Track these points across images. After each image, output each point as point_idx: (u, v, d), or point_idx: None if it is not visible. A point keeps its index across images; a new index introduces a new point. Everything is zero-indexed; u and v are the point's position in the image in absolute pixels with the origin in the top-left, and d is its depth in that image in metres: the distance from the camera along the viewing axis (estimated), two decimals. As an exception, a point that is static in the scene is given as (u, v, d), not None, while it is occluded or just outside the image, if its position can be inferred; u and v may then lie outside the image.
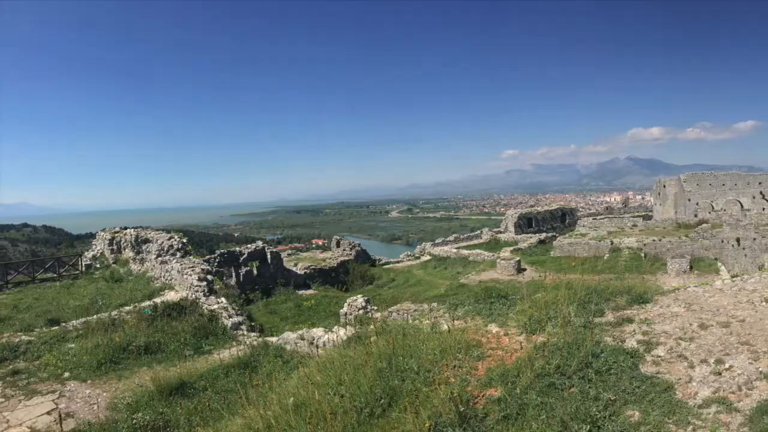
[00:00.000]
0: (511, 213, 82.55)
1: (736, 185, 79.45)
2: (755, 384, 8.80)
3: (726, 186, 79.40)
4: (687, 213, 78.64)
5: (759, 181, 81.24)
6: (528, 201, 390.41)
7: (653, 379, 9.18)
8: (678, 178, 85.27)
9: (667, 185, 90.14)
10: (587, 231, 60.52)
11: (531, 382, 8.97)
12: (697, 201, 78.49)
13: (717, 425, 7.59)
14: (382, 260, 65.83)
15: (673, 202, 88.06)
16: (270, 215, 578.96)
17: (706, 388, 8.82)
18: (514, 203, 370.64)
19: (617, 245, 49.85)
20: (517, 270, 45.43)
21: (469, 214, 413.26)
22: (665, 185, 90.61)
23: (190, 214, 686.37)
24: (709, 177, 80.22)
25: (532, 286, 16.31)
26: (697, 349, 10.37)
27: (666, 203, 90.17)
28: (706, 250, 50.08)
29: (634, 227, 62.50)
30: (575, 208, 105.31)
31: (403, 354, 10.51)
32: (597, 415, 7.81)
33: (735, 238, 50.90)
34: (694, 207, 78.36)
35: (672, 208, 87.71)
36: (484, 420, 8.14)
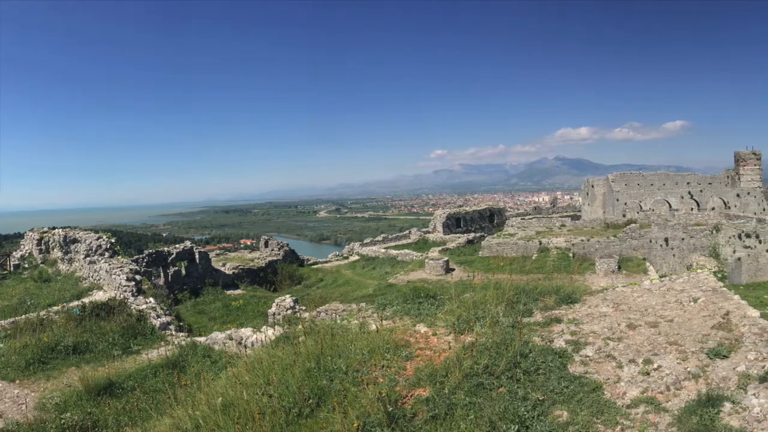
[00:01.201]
0: (439, 213, 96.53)
1: (664, 185, 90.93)
2: (683, 384, 10.70)
3: (654, 186, 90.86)
4: (615, 213, 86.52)
5: (687, 181, 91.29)
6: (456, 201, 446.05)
7: (582, 379, 10.95)
8: (606, 178, 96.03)
9: (596, 185, 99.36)
10: (516, 231, 68.96)
11: (459, 382, 10.60)
12: (626, 201, 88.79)
13: (645, 425, 9.23)
14: (311, 260, 76.80)
15: (601, 202, 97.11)
16: (198, 215, 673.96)
17: (634, 388, 10.66)
18: (443, 203, 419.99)
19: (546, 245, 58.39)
20: (446, 270, 53.82)
21: (398, 214, 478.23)
22: (593, 185, 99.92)
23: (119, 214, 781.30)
24: (638, 177, 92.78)
25: (461, 286, 18.89)
26: (626, 349, 12.44)
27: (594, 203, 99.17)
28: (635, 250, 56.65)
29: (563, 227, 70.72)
30: (504, 208, 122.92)
31: (331, 354, 12.29)
32: (525, 415, 9.34)
33: (663, 238, 57.93)
34: (622, 207, 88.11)
35: (600, 208, 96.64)
36: (412, 420, 9.66)
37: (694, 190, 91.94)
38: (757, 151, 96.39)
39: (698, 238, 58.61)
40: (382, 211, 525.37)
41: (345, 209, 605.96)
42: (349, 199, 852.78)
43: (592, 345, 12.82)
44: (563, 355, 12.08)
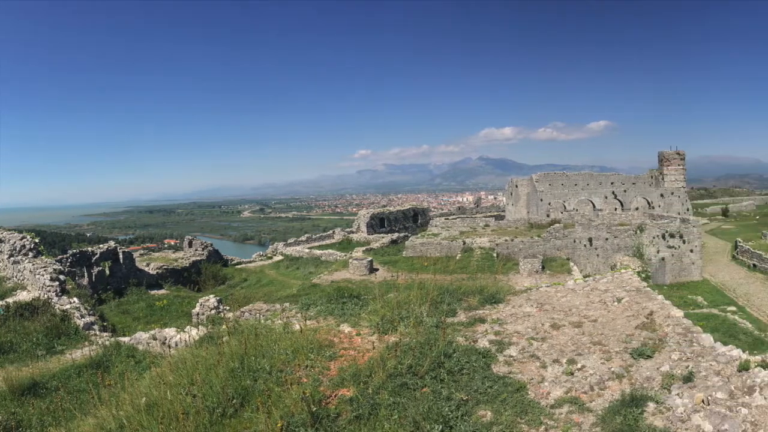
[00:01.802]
0: (363, 213, 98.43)
1: (588, 185, 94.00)
2: (607, 384, 10.97)
3: (578, 186, 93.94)
4: (539, 213, 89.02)
5: (611, 181, 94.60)
6: (380, 201, 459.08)
7: (505, 379, 11.19)
8: (530, 178, 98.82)
9: (520, 185, 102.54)
10: (440, 231, 70.55)
11: (383, 382, 10.79)
12: (550, 201, 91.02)
13: (569, 425, 9.43)
14: (235, 260, 78.81)
15: (525, 202, 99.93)
16: (122, 215, 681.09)
17: (558, 388, 10.90)
18: (367, 203, 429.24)
19: (469, 245, 59.78)
20: (370, 270, 55.24)
21: (322, 214, 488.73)
22: (517, 185, 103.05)
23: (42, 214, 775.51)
24: (562, 177, 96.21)
25: (385, 286, 19.52)
26: (550, 349, 12.75)
27: (518, 203, 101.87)
28: (559, 250, 58.40)
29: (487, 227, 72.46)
30: (427, 208, 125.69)
31: (255, 354, 12.41)
32: (449, 415, 9.50)
33: (587, 238, 59.63)
34: (546, 207, 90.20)
35: (524, 208, 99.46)
36: (336, 420, 9.78)
37: (618, 190, 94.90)
38: (681, 151, 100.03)
39: (622, 238, 60.35)
40: (306, 211, 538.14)
41: (269, 209, 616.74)
42: (273, 199, 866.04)
43: (516, 345, 13.06)
44: (487, 355, 12.35)
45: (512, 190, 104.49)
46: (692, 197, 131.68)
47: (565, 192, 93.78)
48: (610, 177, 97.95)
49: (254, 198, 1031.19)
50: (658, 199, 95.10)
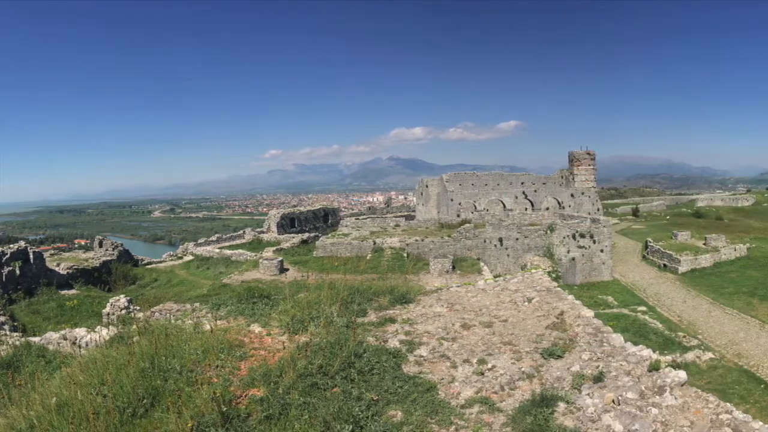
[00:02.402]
0: (273, 213, 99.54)
1: (498, 185, 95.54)
2: (518, 384, 11.21)
3: (489, 186, 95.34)
4: (450, 213, 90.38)
5: (521, 181, 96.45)
6: (291, 201, 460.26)
7: (416, 379, 11.33)
8: (441, 178, 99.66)
9: (430, 185, 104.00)
10: (350, 231, 71.09)
11: (294, 382, 10.91)
12: (460, 201, 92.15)
13: (480, 425, 9.62)
14: (145, 260, 78.94)
15: (435, 202, 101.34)
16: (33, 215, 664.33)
17: (468, 388, 11.11)
18: (277, 203, 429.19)
19: (380, 245, 60.41)
20: (280, 270, 55.70)
21: (232, 214, 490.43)
22: (428, 185, 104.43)
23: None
24: (472, 177, 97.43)
25: (295, 285, 19.96)
26: (460, 349, 12.97)
27: (429, 203, 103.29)
28: (469, 250, 59.34)
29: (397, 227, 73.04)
30: (338, 208, 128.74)
31: (166, 354, 12.40)
32: (360, 415, 9.62)
33: (498, 238, 60.67)
34: (456, 207, 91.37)
35: (435, 208, 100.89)
36: (246, 420, 9.86)
37: (529, 190, 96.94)
38: (591, 151, 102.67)
39: (533, 238, 61.61)
40: (216, 211, 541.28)
41: (179, 209, 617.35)
42: (183, 199, 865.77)
43: (426, 345, 13.24)
44: (397, 355, 12.54)
45: (422, 190, 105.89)
46: (603, 197, 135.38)
47: (476, 192, 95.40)
48: (521, 177, 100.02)
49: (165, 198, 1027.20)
50: (568, 199, 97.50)
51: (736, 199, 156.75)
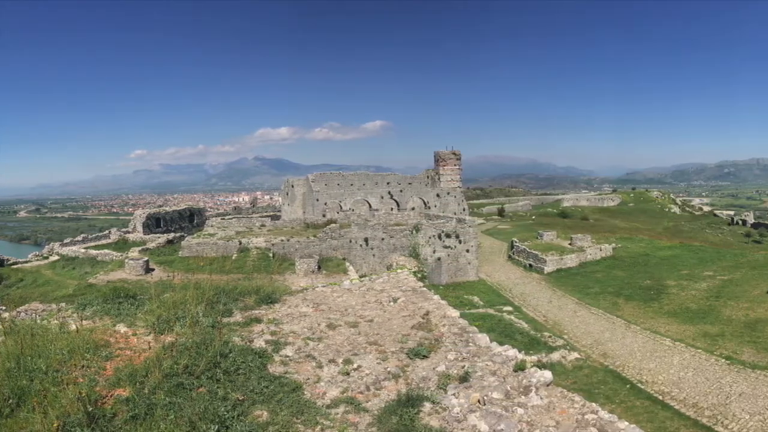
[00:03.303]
0: (139, 213, 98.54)
1: (364, 185, 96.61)
2: (383, 384, 11.49)
3: (354, 186, 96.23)
4: (315, 213, 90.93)
5: (387, 181, 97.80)
6: (156, 201, 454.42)
7: (282, 379, 11.50)
8: (306, 178, 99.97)
9: (296, 185, 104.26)
10: (216, 231, 70.47)
11: (159, 382, 10.91)
12: (326, 201, 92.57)
13: (345, 425, 9.81)
14: (11, 260, 76.53)
15: (301, 202, 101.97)
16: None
17: (334, 388, 11.30)
18: (143, 203, 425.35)
19: (246, 245, 60.18)
20: (146, 270, 55.03)
21: (98, 214, 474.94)
22: (293, 185, 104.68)
23: None
24: (338, 177, 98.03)
25: (161, 285, 19.81)
26: (326, 349, 13.21)
27: (294, 203, 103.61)
28: (335, 250, 59.91)
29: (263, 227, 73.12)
30: (204, 208, 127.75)
31: (31, 354, 12.22)
32: (225, 415, 9.73)
33: (363, 238, 61.29)
34: (322, 207, 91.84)
35: (300, 208, 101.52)
36: (112, 420, 9.80)
37: (395, 190, 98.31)
38: (456, 151, 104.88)
39: (398, 238, 62.46)
40: (82, 211, 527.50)
41: (45, 209, 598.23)
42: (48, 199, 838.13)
43: (292, 345, 13.38)
44: (263, 355, 12.70)
45: (288, 190, 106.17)
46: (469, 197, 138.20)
47: (342, 192, 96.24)
48: (386, 177, 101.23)
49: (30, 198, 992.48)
50: (434, 199, 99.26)
51: (602, 199, 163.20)
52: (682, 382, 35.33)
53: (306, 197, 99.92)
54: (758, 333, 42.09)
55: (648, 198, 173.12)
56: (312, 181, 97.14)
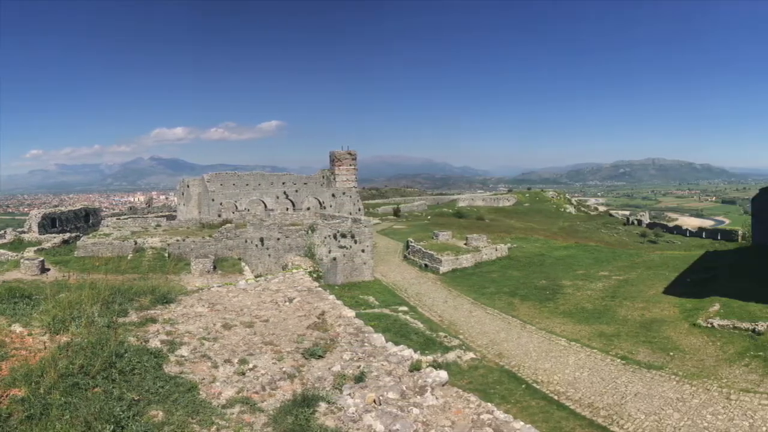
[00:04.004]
0: (34, 213, 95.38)
1: (260, 185, 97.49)
2: (279, 384, 11.67)
3: (250, 186, 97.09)
4: (211, 213, 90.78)
5: (282, 181, 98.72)
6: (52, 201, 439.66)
7: (177, 379, 11.59)
8: (202, 178, 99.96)
9: (191, 185, 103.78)
10: (111, 231, 69.12)
11: (55, 382, 10.87)
12: (221, 201, 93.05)
13: (241, 425, 9.96)
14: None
15: (197, 202, 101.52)
16: None
17: (230, 388, 11.43)
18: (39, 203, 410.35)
19: (141, 245, 59.60)
20: (41, 270, 53.85)
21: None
22: (189, 185, 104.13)
23: None
24: (233, 177, 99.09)
25: (57, 286, 19.30)
26: (221, 349, 13.35)
27: (190, 203, 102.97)
28: (230, 250, 59.87)
29: (158, 227, 72.56)
30: (99, 208, 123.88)
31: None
32: (121, 415, 9.77)
33: (259, 238, 61.31)
34: (218, 207, 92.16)
35: (196, 208, 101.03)
36: (8, 420, 9.75)
37: (290, 190, 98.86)
38: (352, 151, 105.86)
39: (294, 238, 62.64)
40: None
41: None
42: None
43: (187, 345, 13.43)
44: (159, 355, 12.74)
45: (184, 190, 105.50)
46: (364, 197, 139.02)
47: (237, 192, 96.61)
48: (282, 177, 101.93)
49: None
50: (330, 199, 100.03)
51: (498, 199, 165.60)
52: (578, 382, 35.71)
53: (201, 197, 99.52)
54: (653, 333, 42.94)
55: (543, 198, 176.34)
56: (207, 181, 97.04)
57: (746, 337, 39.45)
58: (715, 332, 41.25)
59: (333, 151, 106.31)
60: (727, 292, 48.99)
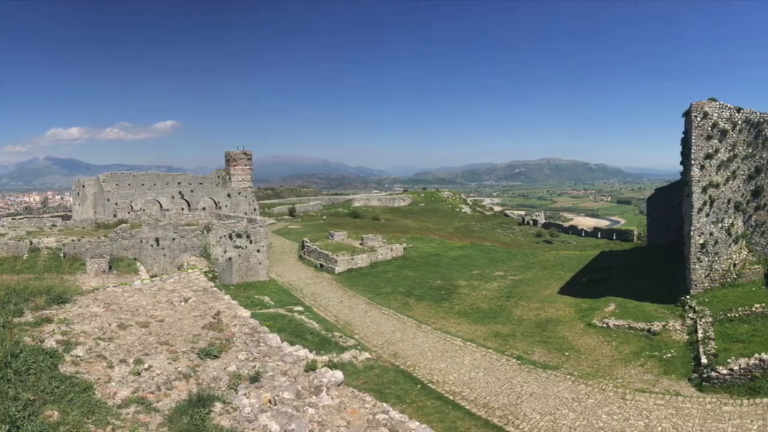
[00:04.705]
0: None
1: (155, 185, 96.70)
2: (174, 384, 11.71)
3: (145, 186, 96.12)
4: (107, 213, 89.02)
5: (178, 181, 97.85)
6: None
7: (72, 379, 11.48)
8: (97, 178, 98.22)
9: (87, 185, 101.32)
10: (6, 231, 66.52)
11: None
12: (117, 201, 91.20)
13: (136, 425, 9.98)
14: None
15: (92, 202, 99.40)
16: None
17: (125, 387, 11.43)
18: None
19: (37, 245, 57.59)
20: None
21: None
22: (84, 185, 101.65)
23: None
24: (129, 177, 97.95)
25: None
26: (117, 349, 13.28)
27: (86, 203, 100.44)
28: (126, 250, 58.85)
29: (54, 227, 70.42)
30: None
31: None
32: (16, 415, 9.60)
33: (154, 238, 60.47)
34: (113, 207, 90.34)
35: (92, 208, 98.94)
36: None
37: (185, 190, 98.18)
38: (248, 151, 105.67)
39: (189, 238, 61.96)
40: None
41: None
42: None
43: (83, 345, 13.31)
44: (54, 355, 12.59)
45: (79, 190, 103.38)
46: (260, 197, 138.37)
47: (133, 192, 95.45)
48: (177, 177, 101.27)
49: None
50: (225, 199, 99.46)
51: (393, 199, 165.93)
52: (473, 382, 35.81)
53: (97, 197, 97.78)
54: (549, 333, 43.61)
55: (439, 198, 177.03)
56: (103, 181, 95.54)
57: (641, 337, 40.56)
58: (611, 332, 42.22)
59: (228, 151, 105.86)
60: (623, 292, 50.34)
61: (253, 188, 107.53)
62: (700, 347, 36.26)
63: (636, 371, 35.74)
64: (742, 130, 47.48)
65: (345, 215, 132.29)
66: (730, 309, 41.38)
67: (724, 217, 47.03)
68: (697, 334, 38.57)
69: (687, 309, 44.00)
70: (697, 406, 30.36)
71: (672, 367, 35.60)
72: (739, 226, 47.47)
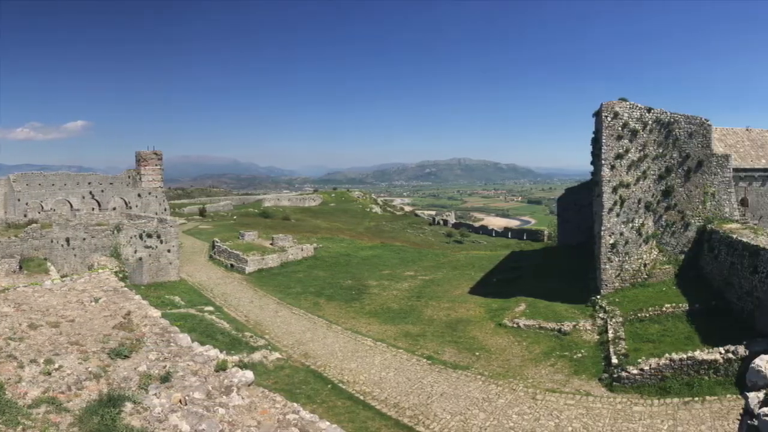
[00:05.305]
0: None
1: (65, 185, 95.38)
2: (85, 384, 11.69)
3: (56, 186, 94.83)
4: (17, 213, 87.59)
5: (88, 181, 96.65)
6: None
7: (-18, 379, 11.14)
8: (8, 178, 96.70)
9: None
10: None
11: None
12: (27, 201, 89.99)
13: (47, 425, 9.95)
14: None
15: (2, 203, 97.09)
16: None
17: (36, 388, 11.36)
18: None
19: (-54, 245, 57.01)
20: None
21: None
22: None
23: None
24: (39, 177, 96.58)
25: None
26: (27, 349, 13.19)
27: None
28: (36, 250, 57.72)
29: (-37, 227, 70.20)
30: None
31: None
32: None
33: (65, 238, 59.47)
34: (24, 207, 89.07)
35: (2, 208, 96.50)
36: None
37: (96, 190, 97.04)
38: (158, 151, 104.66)
39: (100, 238, 61.05)
40: None
41: None
42: None
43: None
44: (-38, 356, 12.36)
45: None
46: (170, 197, 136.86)
47: (43, 192, 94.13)
48: (88, 177, 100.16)
49: None
50: (135, 199, 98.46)
51: (303, 199, 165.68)
52: (384, 382, 35.86)
53: (7, 197, 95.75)
54: (459, 333, 43.84)
55: (349, 198, 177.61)
56: (13, 181, 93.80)
57: (552, 337, 41.07)
58: (521, 332, 42.64)
59: (139, 151, 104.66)
60: (533, 292, 50.99)
61: (163, 188, 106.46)
62: (611, 347, 36.85)
63: (547, 371, 36.16)
64: (653, 130, 48.86)
65: (255, 215, 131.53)
66: (640, 309, 42.39)
67: (634, 217, 48.21)
68: (607, 334, 39.19)
69: (597, 309, 44.74)
70: (607, 406, 30.81)
71: (583, 367, 36.12)
72: (650, 226, 48.74)
